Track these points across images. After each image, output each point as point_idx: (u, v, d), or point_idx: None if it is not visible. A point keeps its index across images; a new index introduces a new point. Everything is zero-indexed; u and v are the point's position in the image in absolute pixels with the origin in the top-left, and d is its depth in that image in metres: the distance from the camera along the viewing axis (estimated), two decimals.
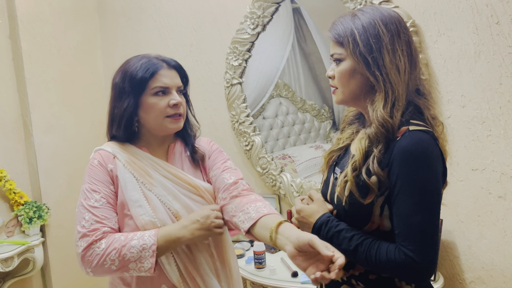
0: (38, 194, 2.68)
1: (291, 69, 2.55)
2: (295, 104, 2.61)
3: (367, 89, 1.01)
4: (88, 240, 1.10)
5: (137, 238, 1.10)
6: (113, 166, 1.20)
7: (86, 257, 1.10)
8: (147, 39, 2.73)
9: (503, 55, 1.57)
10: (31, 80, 2.62)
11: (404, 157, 0.93)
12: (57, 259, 2.74)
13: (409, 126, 0.96)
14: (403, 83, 0.98)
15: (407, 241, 0.92)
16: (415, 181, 0.93)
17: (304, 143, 2.64)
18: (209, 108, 2.51)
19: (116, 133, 1.22)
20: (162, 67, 1.20)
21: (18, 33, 2.56)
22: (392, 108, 0.97)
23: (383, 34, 0.98)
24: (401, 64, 0.98)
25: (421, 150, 0.93)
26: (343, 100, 1.06)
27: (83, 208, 1.14)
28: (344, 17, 1.04)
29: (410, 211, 0.92)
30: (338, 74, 1.04)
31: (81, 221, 1.13)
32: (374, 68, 0.97)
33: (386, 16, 1.00)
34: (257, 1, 2.14)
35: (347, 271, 1.06)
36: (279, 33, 2.40)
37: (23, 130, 2.68)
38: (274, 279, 1.83)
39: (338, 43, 1.03)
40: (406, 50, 1.00)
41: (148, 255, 1.09)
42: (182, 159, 1.30)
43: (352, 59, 1.00)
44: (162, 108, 1.18)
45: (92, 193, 1.15)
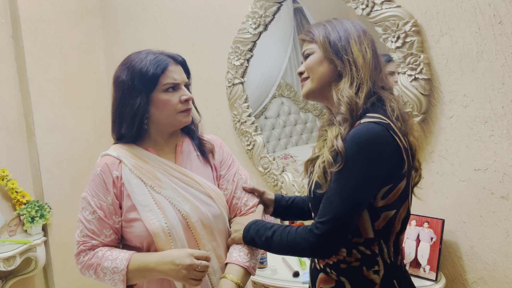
0: (40, 193, 2.69)
1: (293, 68, 2.55)
2: (297, 104, 2.61)
3: (334, 76, 1.10)
4: (78, 247, 1.17)
5: (110, 259, 1.13)
6: (119, 173, 1.18)
7: (76, 260, 1.18)
8: (149, 38, 2.73)
9: (506, 54, 1.56)
10: (34, 80, 2.63)
11: (349, 144, 0.99)
12: (59, 258, 2.75)
13: (362, 119, 1.02)
14: (368, 70, 1.06)
15: (318, 216, 1.03)
16: (349, 166, 0.98)
17: (306, 143, 2.63)
18: (211, 108, 2.51)
19: (126, 132, 1.20)
20: (171, 63, 1.19)
21: (20, 33, 2.57)
22: (358, 90, 1.05)
23: (351, 30, 1.10)
24: (367, 55, 1.07)
25: (364, 138, 0.98)
26: (311, 89, 1.14)
27: (79, 220, 1.18)
28: (318, 23, 1.15)
29: (333, 192, 1.00)
30: (307, 65, 1.13)
31: (77, 230, 1.19)
32: (343, 52, 1.07)
33: (354, 23, 1.13)
34: (259, 0, 2.14)
35: (324, 260, 1.13)
36: (281, 33, 2.40)
37: (25, 130, 2.68)
38: (275, 279, 1.83)
39: (309, 42, 1.14)
40: (371, 47, 1.09)
41: (119, 279, 1.12)
42: (191, 158, 1.28)
43: (321, 50, 1.10)
44: (175, 104, 1.18)
45: (88, 206, 1.17)
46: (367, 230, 1.05)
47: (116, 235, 1.19)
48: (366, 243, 1.06)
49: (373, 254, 1.06)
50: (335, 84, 1.09)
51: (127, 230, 1.18)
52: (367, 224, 1.05)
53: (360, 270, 1.07)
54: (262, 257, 1.90)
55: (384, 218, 1.04)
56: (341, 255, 1.09)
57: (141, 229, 1.15)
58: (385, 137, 0.99)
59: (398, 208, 1.05)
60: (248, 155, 2.39)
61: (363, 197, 1.00)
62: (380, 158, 0.99)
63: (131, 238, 1.18)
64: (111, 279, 1.13)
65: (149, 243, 1.16)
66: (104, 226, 1.16)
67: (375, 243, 1.06)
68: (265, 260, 1.92)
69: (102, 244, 1.17)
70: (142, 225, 1.15)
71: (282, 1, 2.10)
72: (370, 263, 1.07)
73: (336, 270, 1.10)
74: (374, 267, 1.07)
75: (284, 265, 1.94)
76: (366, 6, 1.76)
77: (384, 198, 1.03)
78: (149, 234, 1.14)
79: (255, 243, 1.17)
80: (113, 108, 1.22)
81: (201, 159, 1.29)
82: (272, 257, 2.02)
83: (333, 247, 1.04)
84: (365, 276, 1.07)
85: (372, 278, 1.06)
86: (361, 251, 1.07)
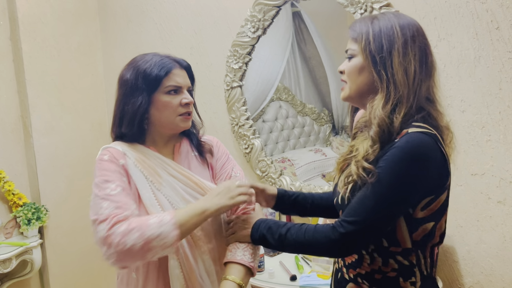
0: (37, 195, 2.68)
1: (291, 72, 2.55)
2: (295, 107, 2.61)
3: (373, 88, 1.02)
4: (109, 222, 1.05)
5: (154, 216, 1.07)
6: (125, 162, 1.18)
7: (107, 239, 1.03)
8: (148, 41, 2.73)
9: (503, 60, 1.57)
10: (31, 82, 2.62)
11: (394, 151, 0.94)
12: (55, 261, 2.73)
13: (410, 128, 0.97)
14: (411, 87, 0.98)
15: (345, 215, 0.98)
16: (392, 172, 0.94)
17: (304, 147, 2.64)
18: (209, 111, 2.51)
19: (126, 131, 1.20)
20: (175, 66, 1.21)
21: (19, 35, 2.56)
22: (393, 110, 0.98)
23: (397, 37, 0.99)
24: (411, 67, 0.98)
25: (412, 147, 0.94)
26: (349, 96, 1.08)
27: (99, 199, 1.09)
28: (365, 18, 1.06)
29: (368, 195, 0.95)
30: (347, 69, 1.07)
31: (99, 210, 1.07)
32: (381, 67, 0.99)
33: (405, 22, 1.02)
34: (258, 4, 2.15)
35: (354, 269, 1.08)
36: (280, 37, 2.41)
37: (22, 132, 2.67)
38: (272, 283, 1.82)
39: (353, 40, 1.05)
40: (419, 56, 1.00)
41: (168, 231, 1.04)
42: (189, 158, 1.29)
43: (362, 56, 1.02)
44: (175, 107, 1.19)
45: (106, 183, 1.11)
46: (405, 240, 1.01)
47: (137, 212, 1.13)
48: (404, 253, 1.02)
49: (411, 264, 1.02)
50: (372, 97, 1.02)
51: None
52: (405, 234, 1.01)
53: (396, 281, 1.03)
54: (260, 260, 1.90)
55: (422, 230, 1.00)
56: (375, 265, 1.04)
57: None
58: (434, 149, 0.96)
59: (436, 221, 1.02)
60: (246, 158, 2.39)
61: (398, 208, 0.97)
62: (426, 169, 0.95)
63: None
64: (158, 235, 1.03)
65: None
66: (130, 198, 1.12)
67: (413, 254, 1.02)
68: (263, 263, 1.91)
69: (133, 216, 1.09)
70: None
71: (281, 5, 2.11)
72: (407, 274, 1.02)
73: (369, 280, 1.05)
74: (411, 278, 1.02)
75: (281, 269, 1.94)
76: (364, 11, 1.77)
77: (424, 210, 0.99)
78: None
79: (266, 241, 1.12)
80: (115, 106, 1.24)
81: (199, 159, 1.31)
82: (269, 261, 2.01)
83: (352, 248, 1.01)
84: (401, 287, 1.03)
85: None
86: (399, 261, 1.02)
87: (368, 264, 1.05)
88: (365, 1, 1.75)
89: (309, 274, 1.85)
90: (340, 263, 1.14)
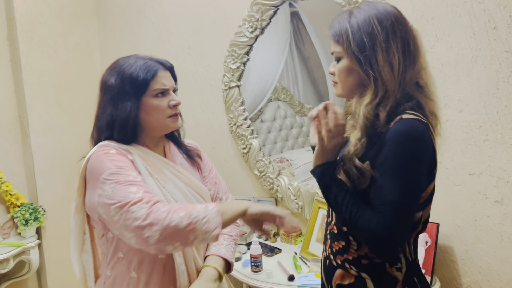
0: (34, 196, 2.67)
1: (289, 72, 2.55)
2: (293, 107, 2.61)
3: (363, 85, 1.04)
4: (148, 201, 1.02)
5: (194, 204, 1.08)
6: (133, 158, 1.16)
7: (150, 216, 0.99)
8: (146, 41, 2.73)
9: (500, 60, 1.57)
10: (29, 82, 2.61)
11: (396, 137, 0.96)
12: (53, 261, 2.73)
13: (404, 115, 0.99)
14: (396, 80, 1.00)
15: (379, 201, 0.97)
16: (401, 159, 0.95)
17: (302, 147, 2.64)
18: (207, 111, 2.51)
19: (120, 137, 1.18)
20: (160, 68, 1.20)
21: (16, 35, 2.55)
22: (378, 105, 1.00)
23: (378, 32, 0.99)
24: (395, 60, 0.99)
25: (413, 133, 0.96)
26: (341, 94, 1.10)
27: (124, 185, 1.04)
28: (342, 15, 1.06)
29: (389, 187, 0.95)
30: (337, 71, 1.07)
31: (128, 194, 1.03)
32: (366, 66, 0.99)
33: (382, 12, 1.01)
34: (256, 4, 2.15)
35: (342, 255, 1.10)
36: (277, 37, 2.41)
37: (20, 132, 2.67)
38: (270, 283, 1.82)
39: (336, 42, 1.06)
40: (401, 46, 1.00)
41: (212, 216, 1.03)
42: (180, 159, 1.31)
43: (347, 58, 1.03)
44: (164, 109, 1.19)
45: (127, 171, 1.08)
46: None
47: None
48: None
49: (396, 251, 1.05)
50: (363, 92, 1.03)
51: None
52: None
53: (382, 267, 1.06)
54: (257, 260, 1.90)
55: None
56: (362, 251, 1.07)
57: None
58: (427, 134, 0.99)
59: (423, 209, 1.05)
60: (244, 158, 2.38)
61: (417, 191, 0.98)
62: (424, 151, 0.98)
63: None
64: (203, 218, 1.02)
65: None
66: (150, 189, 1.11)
67: None
68: (261, 264, 1.91)
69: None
70: None
71: (278, 5, 2.10)
72: (393, 260, 1.05)
73: (356, 266, 1.08)
74: (397, 264, 1.05)
75: (279, 269, 1.93)
76: None
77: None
78: None
79: (325, 183, 1.06)
80: (99, 112, 1.21)
81: (189, 161, 1.33)
82: (267, 261, 2.01)
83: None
84: (388, 273, 1.05)
85: (395, 275, 1.05)
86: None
87: (355, 250, 1.08)
88: (362, 1, 1.75)
89: (307, 274, 1.84)
90: (328, 251, 1.16)
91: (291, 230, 1.14)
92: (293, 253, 2.07)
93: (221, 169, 2.49)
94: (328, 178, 1.06)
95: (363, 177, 1.01)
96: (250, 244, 1.99)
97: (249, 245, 2.03)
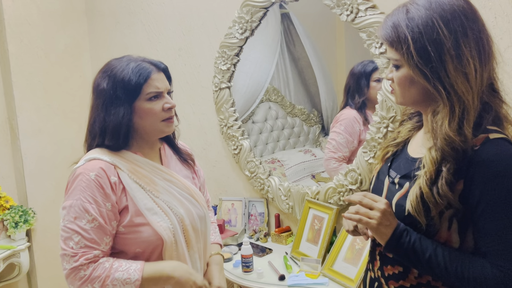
0: (24, 198, 2.65)
1: (280, 73, 2.56)
2: (285, 108, 2.62)
3: (429, 96, 0.90)
4: (75, 259, 1.06)
5: (121, 270, 1.08)
6: (117, 178, 1.14)
7: (70, 277, 1.08)
8: (136, 42, 2.73)
9: None
10: (18, 84, 2.60)
11: (489, 172, 0.83)
12: (43, 263, 2.71)
13: (489, 133, 0.86)
14: (474, 90, 0.85)
15: (504, 259, 0.85)
16: (505, 196, 0.83)
17: (293, 148, 2.65)
18: (198, 112, 2.51)
19: (112, 143, 1.16)
20: (153, 70, 1.18)
21: (5, 36, 2.54)
22: (461, 123, 0.84)
23: (445, 38, 0.83)
24: (470, 69, 0.84)
25: (508, 162, 0.83)
26: (403, 103, 0.98)
27: (72, 230, 1.08)
28: (396, 14, 0.89)
29: (505, 228, 0.84)
30: (397, 80, 0.94)
31: (69, 242, 1.08)
32: (434, 80, 0.85)
33: (448, 9, 0.84)
34: (245, 6, 2.15)
35: (396, 281, 0.99)
36: (268, 38, 2.42)
37: (9, 134, 2.65)
38: (261, 283, 1.83)
39: (391, 47, 0.91)
40: (476, 49, 0.84)
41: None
42: (174, 161, 1.31)
43: (408, 68, 0.88)
44: (158, 112, 1.17)
45: (85, 213, 1.08)
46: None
47: (112, 243, 1.15)
48: None
49: None
50: (431, 104, 0.89)
51: (130, 236, 1.14)
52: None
53: None
54: (248, 261, 1.90)
55: None
56: (424, 278, 0.95)
57: (149, 233, 1.14)
58: None
59: None
60: (234, 159, 2.39)
61: None
62: None
63: (133, 244, 1.15)
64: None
65: (154, 248, 1.15)
66: (104, 233, 1.10)
67: None
68: (251, 264, 1.92)
69: (103, 253, 1.11)
70: (150, 229, 1.14)
71: (268, 6, 2.11)
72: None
73: None
74: None
75: (270, 268, 1.94)
76: (350, 13, 1.78)
77: None
78: (158, 237, 1.14)
79: (406, 252, 0.91)
80: (92, 116, 1.19)
81: (183, 164, 1.33)
82: (258, 261, 2.02)
83: None
84: None
85: None
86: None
87: (415, 277, 0.96)
88: (351, 3, 1.77)
89: (297, 274, 1.85)
90: (377, 273, 1.05)
91: None
92: (284, 253, 2.08)
93: (212, 170, 2.49)
94: (406, 245, 0.91)
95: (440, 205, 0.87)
96: (241, 244, 2.00)
97: (240, 246, 2.03)
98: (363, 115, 1.99)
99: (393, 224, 0.93)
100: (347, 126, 2.03)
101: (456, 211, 0.89)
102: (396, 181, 1.00)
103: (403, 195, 0.96)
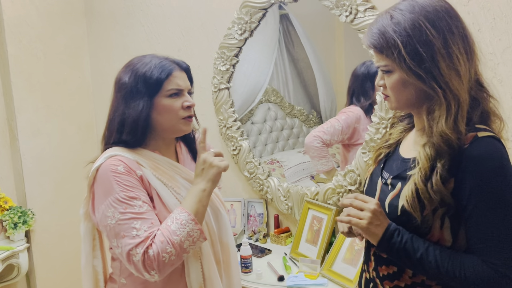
0: (23, 199, 2.65)
1: (279, 74, 2.57)
2: (284, 109, 2.62)
3: (423, 96, 0.92)
4: (144, 245, 1.06)
5: (171, 222, 1.09)
6: (142, 173, 1.14)
7: (146, 262, 1.05)
8: (135, 43, 2.73)
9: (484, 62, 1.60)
10: (17, 84, 2.60)
11: (479, 169, 0.85)
12: (42, 264, 2.71)
13: (477, 132, 0.88)
14: (466, 85, 0.87)
15: (495, 256, 0.86)
16: (495, 193, 0.85)
17: (293, 148, 2.65)
18: (197, 113, 2.47)
19: (129, 138, 1.16)
20: (175, 68, 1.19)
21: (4, 37, 2.54)
22: (456, 119, 0.87)
23: (433, 38, 0.85)
24: (461, 65, 0.86)
25: (497, 160, 0.85)
26: (397, 108, 0.99)
27: (129, 219, 1.07)
28: (381, 21, 0.91)
29: (495, 225, 0.85)
30: (389, 85, 0.94)
31: (131, 231, 1.06)
32: (429, 80, 0.86)
33: (431, 11, 0.87)
34: (245, 7, 2.16)
35: (391, 281, 1.00)
36: (268, 39, 2.42)
37: (8, 135, 2.65)
38: (260, 283, 1.83)
39: (381, 54, 0.91)
40: (462, 46, 0.88)
41: (192, 228, 1.08)
42: (189, 160, 1.31)
43: (400, 72, 0.89)
44: (177, 110, 1.18)
45: (133, 201, 1.08)
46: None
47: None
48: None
49: None
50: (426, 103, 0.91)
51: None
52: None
53: None
54: (247, 261, 1.90)
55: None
56: (418, 278, 0.95)
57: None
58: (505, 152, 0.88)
59: None
60: (234, 160, 2.39)
61: None
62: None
63: None
64: (186, 236, 1.07)
65: None
66: (154, 213, 1.12)
67: None
68: (250, 264, 1.92)
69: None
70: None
71: (267, 7, 2.12)
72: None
73: None
74: None
75: (269, 269, 1.94)
76: (349, 13, 1.79)
77: None
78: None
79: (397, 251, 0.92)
80: (111, 110, 1.19)
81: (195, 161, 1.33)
82: (257, 261, 2.02)
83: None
84: None
85: None
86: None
87: (409, 277, 0.97)
88: (350, 4, 1.77)
89: (296, 275, 1.86)
90: (372, 273, 1.06)
91: None
92: (283, 253, 2.08)
93: None
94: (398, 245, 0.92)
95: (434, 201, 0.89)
96: (240, 245, 2.00)
97: (239, 246, 2.03)
98: (369, 118, 1.96)
99: (384, 224, 0.94)
100: (348, 118, 2.03)
101: (448, 209, 0.90)
102: (389, 182, 1.02)
103: (395, 195, 0.98)
